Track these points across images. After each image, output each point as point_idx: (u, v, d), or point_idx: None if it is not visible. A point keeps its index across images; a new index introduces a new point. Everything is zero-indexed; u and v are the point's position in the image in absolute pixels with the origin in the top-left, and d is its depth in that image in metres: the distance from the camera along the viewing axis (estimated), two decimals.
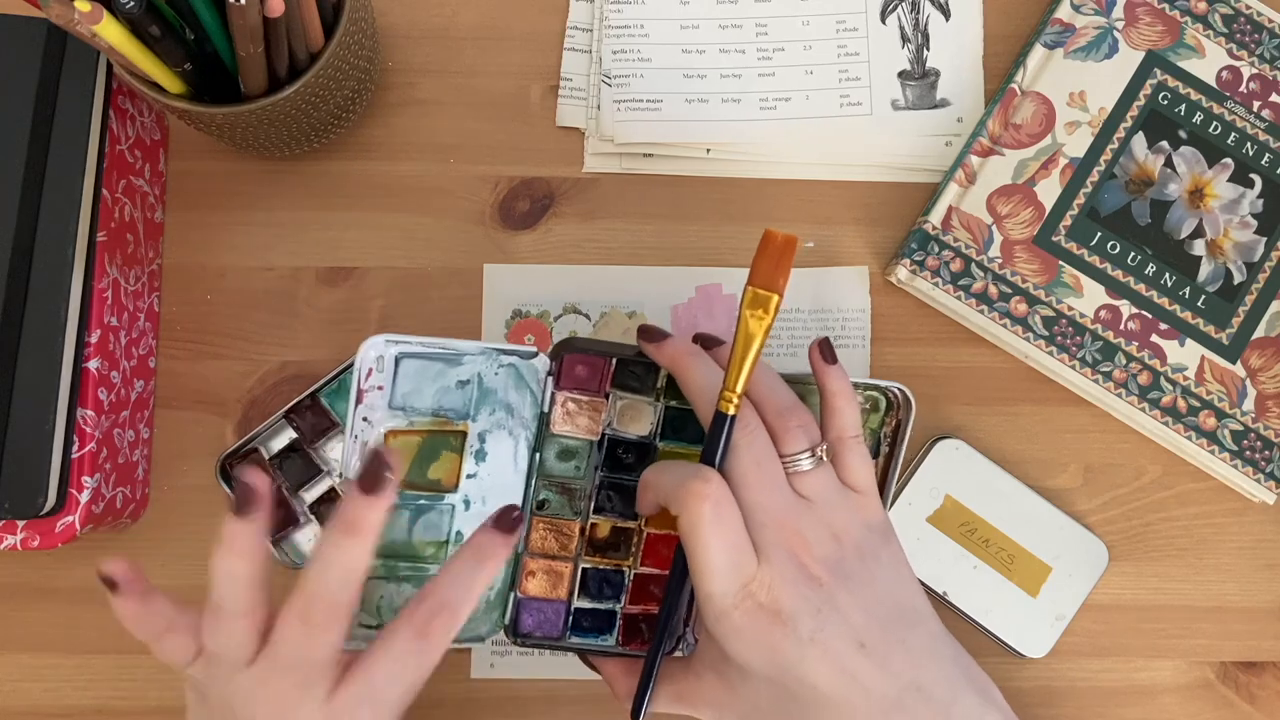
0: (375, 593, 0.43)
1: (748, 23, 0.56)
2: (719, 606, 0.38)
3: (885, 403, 0.46)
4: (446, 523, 0.44)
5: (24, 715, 0.50)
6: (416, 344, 0.41)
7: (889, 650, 0.38)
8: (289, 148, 0.51)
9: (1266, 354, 0.52)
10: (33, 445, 0.43)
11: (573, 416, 0.45)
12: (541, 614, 0.46)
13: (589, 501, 0.45)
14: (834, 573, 0.39)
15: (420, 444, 0.43)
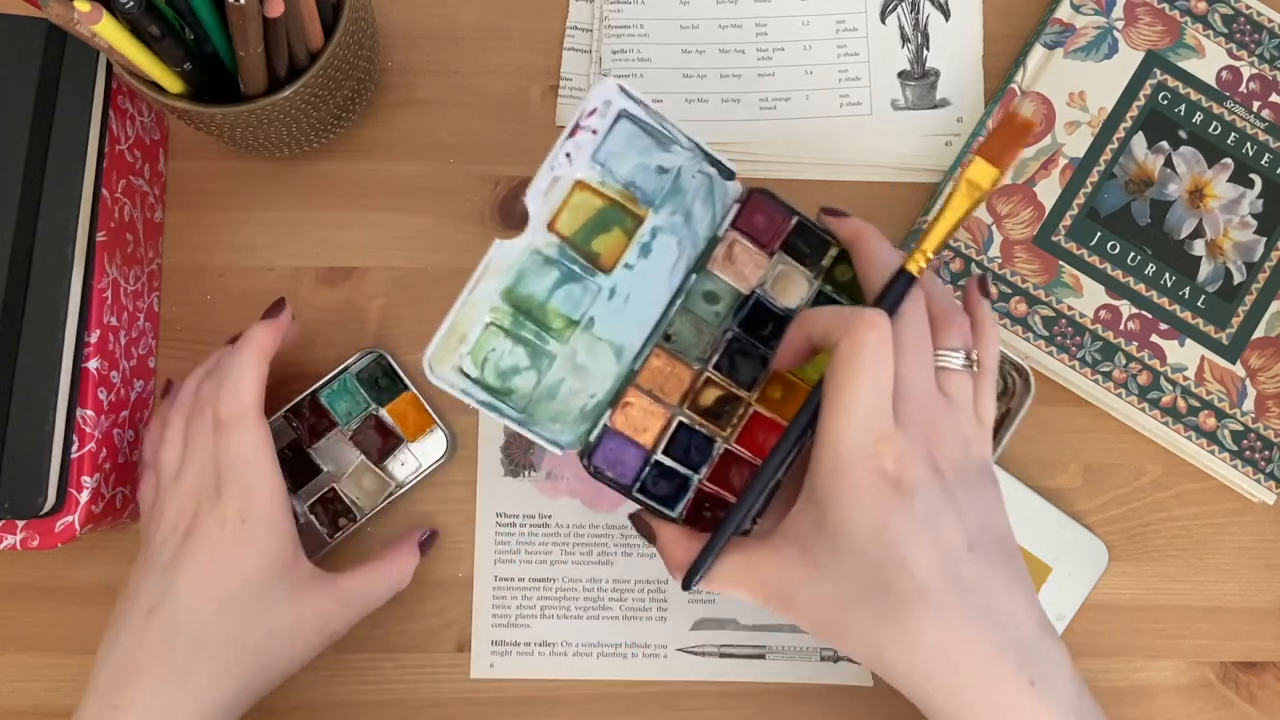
0: (489, 343, 0.42)
1: (747, 22, 0.56)
2: (845, 456, 0.37)
3: (1002, 386, 0.44)
4: (587, 301, 0.43)
5: (24, 715, 0.50)
6: (645, 105, 0.41)
7: (993, 566, 0.37)
8: (289, 148, 0.51)
9: (1266, 354, 0.52)
10: (32, 445, 0.43)
11: (733, 261, 0.44)
12: (620, 453, 0.43)
13: (714, 355, 0.44)
14: (958, 474, 0.38)
15: (600, 209, 0.42)
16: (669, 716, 0.51)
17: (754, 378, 0.44)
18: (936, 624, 0.36)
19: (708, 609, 0.51)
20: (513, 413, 0.42)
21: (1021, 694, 0.36)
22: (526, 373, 0.43)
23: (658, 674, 0.50)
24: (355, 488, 0.50)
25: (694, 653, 0.51)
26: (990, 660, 0.36)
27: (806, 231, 0.44)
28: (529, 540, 0.52)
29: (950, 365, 0.39)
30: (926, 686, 0.37)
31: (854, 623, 0.37)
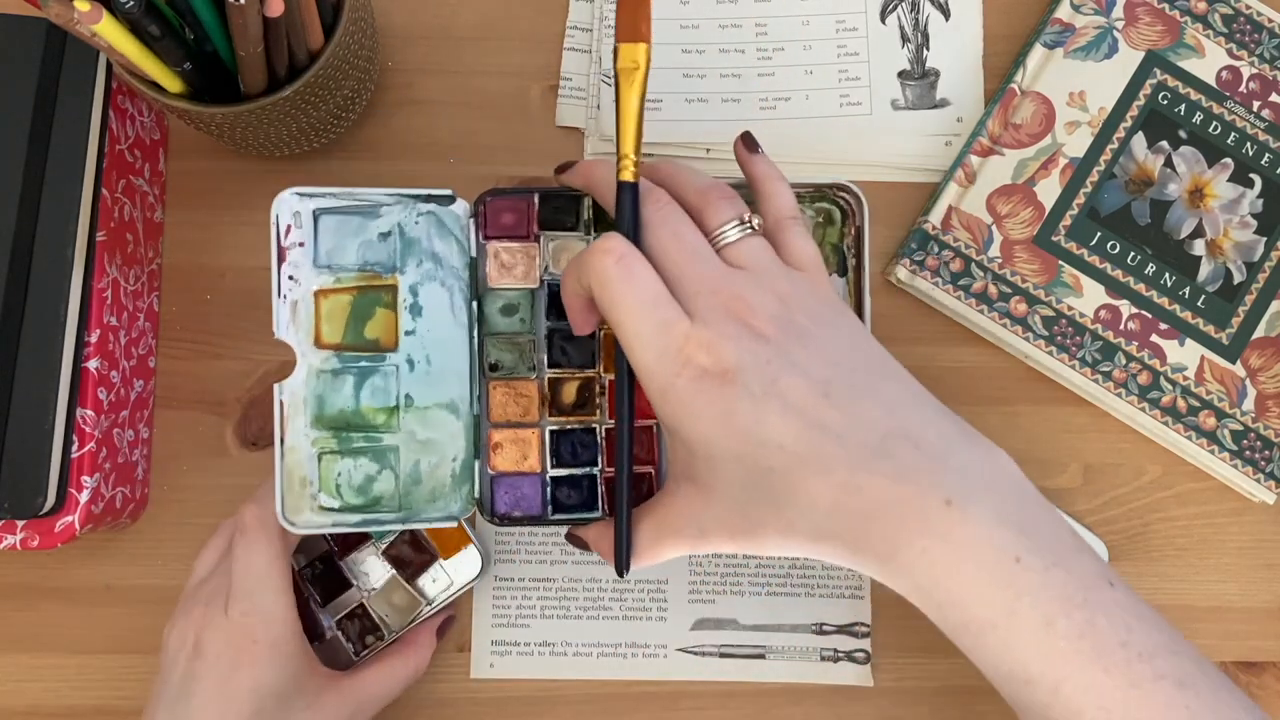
0: (332, 470, 0.42)
1: (747, 22, 0.56)
2: (659, 380, 0.35)
3: (840, 213, 0.43)
4: (393, 386, 0.42)
5: (24, 715, 0.50)
6: (328, 195, 0.41)
7: (860, 398, 0.34)
8: (289, 147, 0.51)
9: (1266, 354, 0.52)
10: (32, 445, 0.43)
11: (508, 268, 0.43)
12: (517, 490, 0.43)
13: (542, 355, 0.43)
14: (784, 330, 0.35)
15: (352, 302, 0.42)
16: (669, 716, 0.51)
17: (591, 353, 0.44)
18: (824, 484, 0.33)
19: (708, 609, 0.51)
20: (391, 517, 0.42)
21: (939, 518, 0.33)
22: (381, 475, 0.42)
23: (658, 674, 0.50)
24: (385, 604, 0.49)
25: (694, 653, 0.51)
26: (893, 496, 0.33)
27: (552, 199, 0.43)
28: (529, 540, 0.52)
29: (726, 240, 0.37)
30: (849, 547, 0.34)
31: (762, 523, 0.35)
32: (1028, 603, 0.33)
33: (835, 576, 0.51)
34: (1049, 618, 0.33)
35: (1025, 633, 0.33)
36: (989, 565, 0.33)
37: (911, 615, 0.51)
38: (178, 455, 0.52)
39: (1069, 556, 0.34)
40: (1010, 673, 0.34)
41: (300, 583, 0.49)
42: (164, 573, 0.51)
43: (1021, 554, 0.33)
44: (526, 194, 0.43)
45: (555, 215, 0.44)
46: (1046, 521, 0.34)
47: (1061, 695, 0.33)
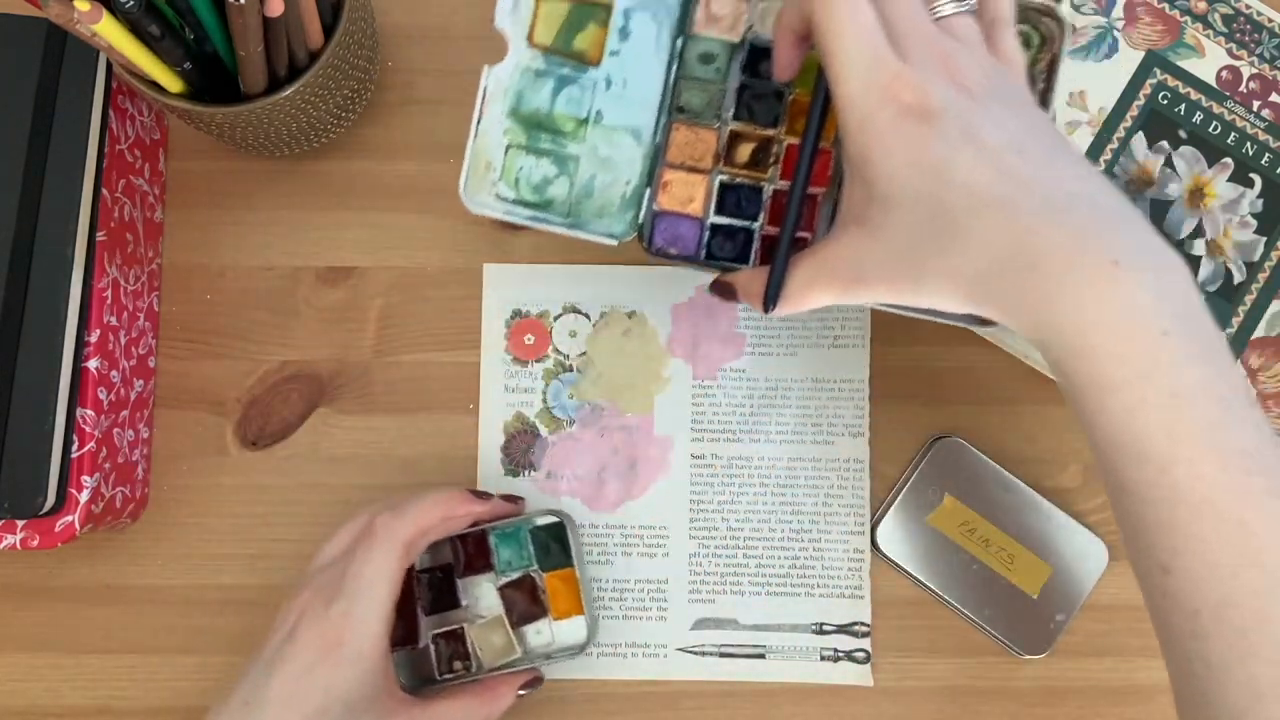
0: (515, 163, 0.44)
1: None
2: (861, 111, 0.35)
3: (1039, 38, 0.44)
4: (588, 98, 0.44)
5: (24, 715, 0.50)
6: None
7: (1052, 161, 0.35)
8: (289, 147, 0.51)
9: (1266, 354, 0.52)
10: (32, 445, 0.44)
11: (716, 18, 0.44)
12: (674, 229, 0.45)
13: (729, 109, 0.45)
14: (987, 90, 0.35)
15: (569, 11, 0.44)
16: (669, 716, 0.51)
17: (775, 115, 0.45)
18: (1004, 225, 0.34)
19: (707, 609, 0.51)
20: (559, 219, 0.44)
21: (1103, 273, 0.32)
22: (558, 180, 0.44)
23: (658, 674, 0.50)
24: (483, 639, 0.48)
25: (694, 653, 0.51)
26: (1068, 244, 0.33)
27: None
28: None
29: (943, 13, 0.37)
30: (1009, 296, 0.34)
31: (925, 266, 0.35)
32: (1163, 374, 0.32)
33: (835, 576, 0.51)
34: (1179, 394, 0.32)
35: (1153, 401, 0.32)
36: (1137, 329, 0.32)
37: (912, 615, 0.51)
38: (178, 455, 0.52)
39: (1219, 359, 0.33)
40: (1124, 442, 0.33)
41: (415, 584, 0.49)
42: (164, 573, 0.51)
43: (1171, 331, 0.32)
44: None
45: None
46: (1207, 324, 0.33)
47: (1170, 475, 0.32)
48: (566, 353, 0.53)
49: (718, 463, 0.52)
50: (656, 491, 0.52)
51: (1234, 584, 0.32)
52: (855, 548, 0.52)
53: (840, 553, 0.52)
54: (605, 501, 0.52)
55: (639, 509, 0.52)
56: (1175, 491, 0.32)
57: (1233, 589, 0.32)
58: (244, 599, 0.51)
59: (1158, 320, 0.32)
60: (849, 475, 0.52)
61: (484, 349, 0.53)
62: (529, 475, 0.52)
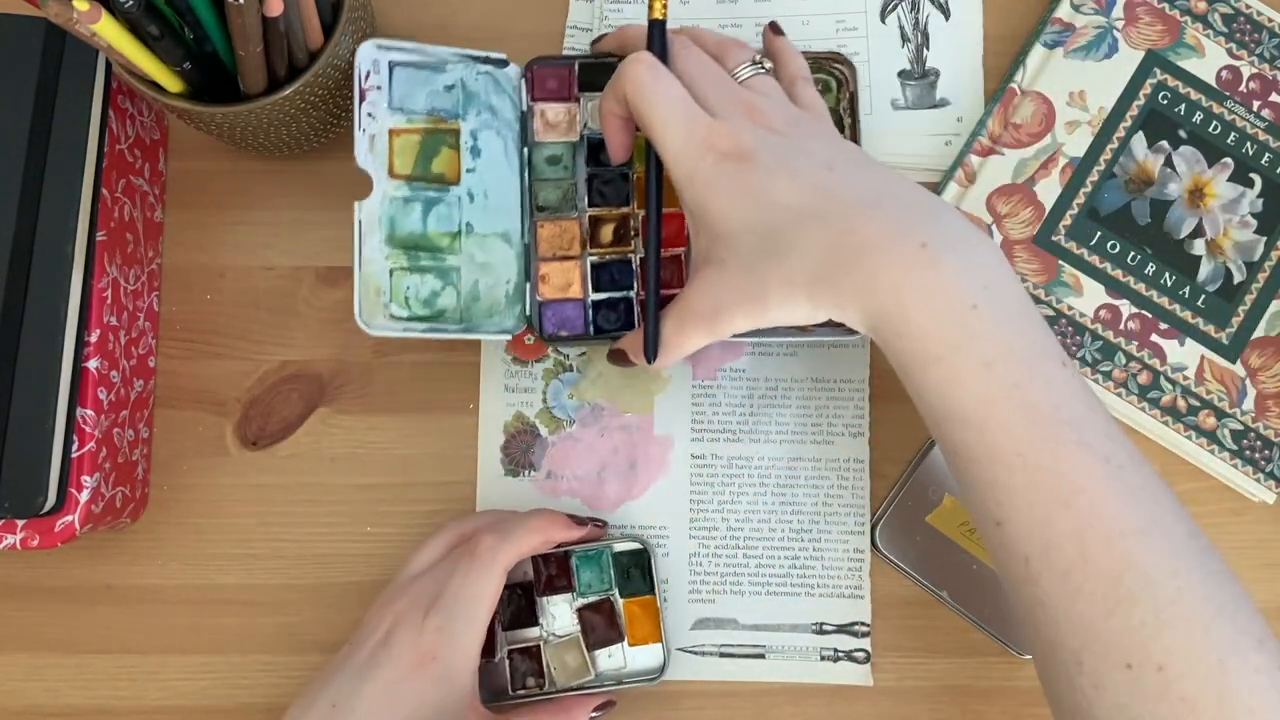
0: (402, 284, 0.47)
1: (747, 22, 0.56)
2: (686, 165, 0.40)
3: (835, 82, 0.49)
4: (456, 214, 0.48)
5: (24, 715, 0.50)
6: (401, 49, 0.47)
7: (860, 171, 0.39)
8: (289, 147, 0.51)
9: (1266, 353, 0.52)
10: (32, 444, 0.44)
11: (552, 125, 0.50)
12: (562, 313, 0.49)
13: (583, 199, 0.49)
14: (792, 128, 0.40)
15: (421, 140, 0.48)
16: (669, 716, 0.51)
17: (625, 194, 0.50)
18: (822, 229, 0.37)
19: (707, 609, 0.51)
20: (454, 326, 0.47)
21: (913, 256, 0.36)
22: (445, 291, 0.48)
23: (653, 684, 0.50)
24: (558, 659, 0.49)
25: (694, 653, 0.51)
26: (881, 234, 0.37)
27: (589, 67, 0.50)
28: None
29: (742, 76, 0.43)
30: (837, 287, 0.37)
31: (766, 280, 0.39)
32: (971, 344, 0.35)
33: (835, 576, 0.51)
34: (989, 362, 0.35)
35: (965, 370, 0.35)
36: (947, 304, 0.36)
37: (912, 615, 0.51)
38: (178, 455, 0.52)
39: (1026, 325, 0.36)
40: (947, 411, 0.36)
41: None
42: (164, 573, 0.51)
43: (979, 304, 0.35)
44: (568, 62, 0.50)
45: (593, 78, 0.50)
46: (1014, 294, 0.37)
47: (987, 436, 0.35)
48: (566, 352, 0.53)
49: (718, 463, 0.52)
50: (656, 491, 0.52)
51: (1052, 530, 0.34)
52: (855, 547, 0.52)
53: (840, 552, 0.52)
54: (605, 501, 0.52)
55: (639, 509, 0.52)
56: (993, 450, 0.35)
57: (1052, 534, 0.34)
58: (244, 599, 0.51)
59: (966, 294, 0.36)
60: (849, 475, 0.52)
61: (484, 349, 0.53)
62: (529, 475, 0.52)
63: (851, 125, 0.49)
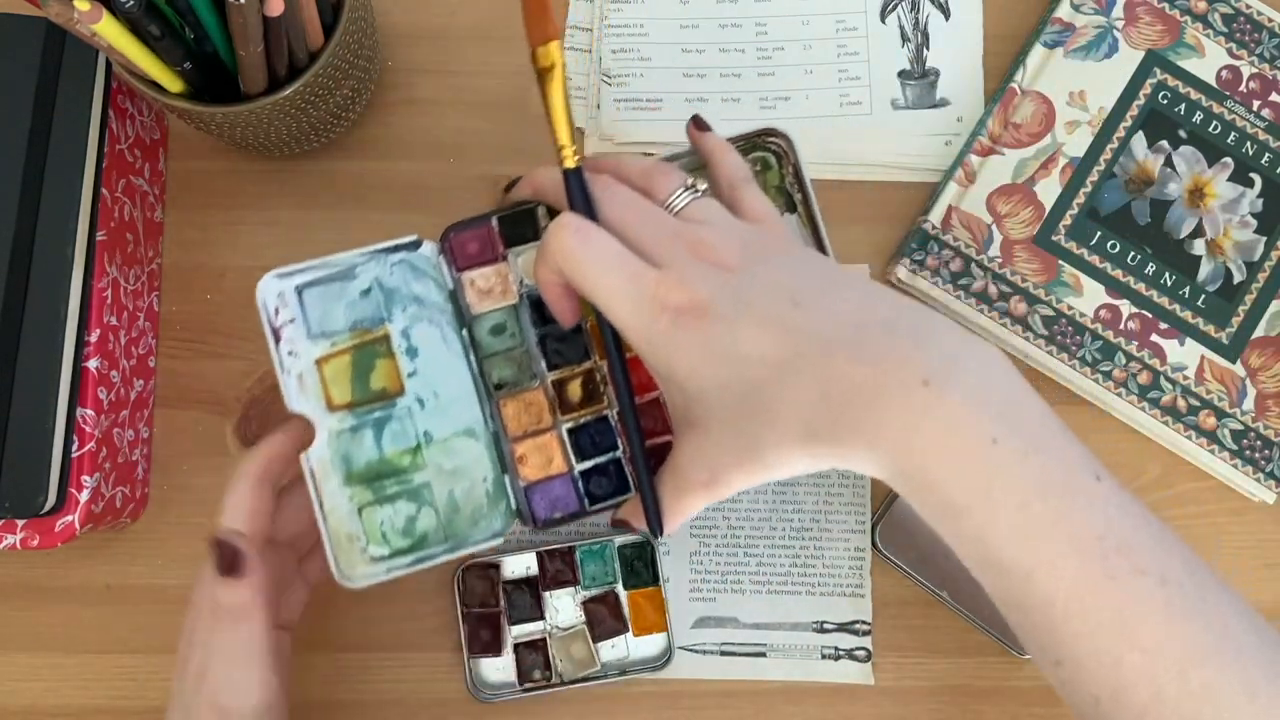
0: (374, 520, 0.43)
1: (747, 22, 0.56)
2: (641, 330, 0.36)
3: (775, 157, 0.46)
4: (410, 427, 0.44)
5: (24, 715, 0.50)
6: (305, 269, 0.43)
7: (828, 298, 0.35)
8: (289, 147, 0.51)
9: (1266, 353, 0.52)
10: (33, 444, 0.43)
11: (485, 292, 0.45)
12: (551, 494, 0.45)
13: (540, 364, 0.45)
14: (746, 258, 0.36)
15: (352, 361, 0.43)
16: (669, 715, 0.51)
17: (584, 347, 0.45)
18: (805, 382, 0.33)
19: (708, 607, 0.51)
20: (440, 548, 0.43)
21: (917, 398, 0.32)
22: (422, 513, 0.43)
23: (657, 673, 0.50)
24: (563, 651, 0.50)
25: (694, 651, 0.51)
26: (871, 379, 0.33)
27: (508, 218, 0.46)
28: (530, 538, 0.52)
29: (678, 206, 0.38)
30: (838, 441, 0.33)
31: (760, 441, 0.35)
32: (1001, 485, 0.32)
33: (836, 575, 0.52)
34: (1024, 502, 0.32)
35: (1000, 517, 0.32)
36: (965, 447, 0.32)
37: (912, 614, 0.51)
38: (178, 455, 0.52)
39: (1052, 443, 0.33)
40: (986, 559, 0.33)
41: (501, 594, 0.50)
42: (164, 573, 0.51)
43: (999, 436, 0.32)
44: (485, 220, 0.45)
45: (516, 230, 0.45)
46: (1030, 407, 0.33)
47: (1034, 583, 0.32)
48: None
49: None
50: None
51: (1121, 671, 0.32)
52: (856, 546, 0.52)
53: (841, 551, 0.52)
54: None
55: None
56: (1044, 596, 0.32)
57: (1122, 675, 0.32)
58: None
59: (982, 429, 0.32)
60: (850, 474, 0.52)
61: None
62: None
63: (803, 200, 0.45)
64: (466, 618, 0.50)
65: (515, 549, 0.51)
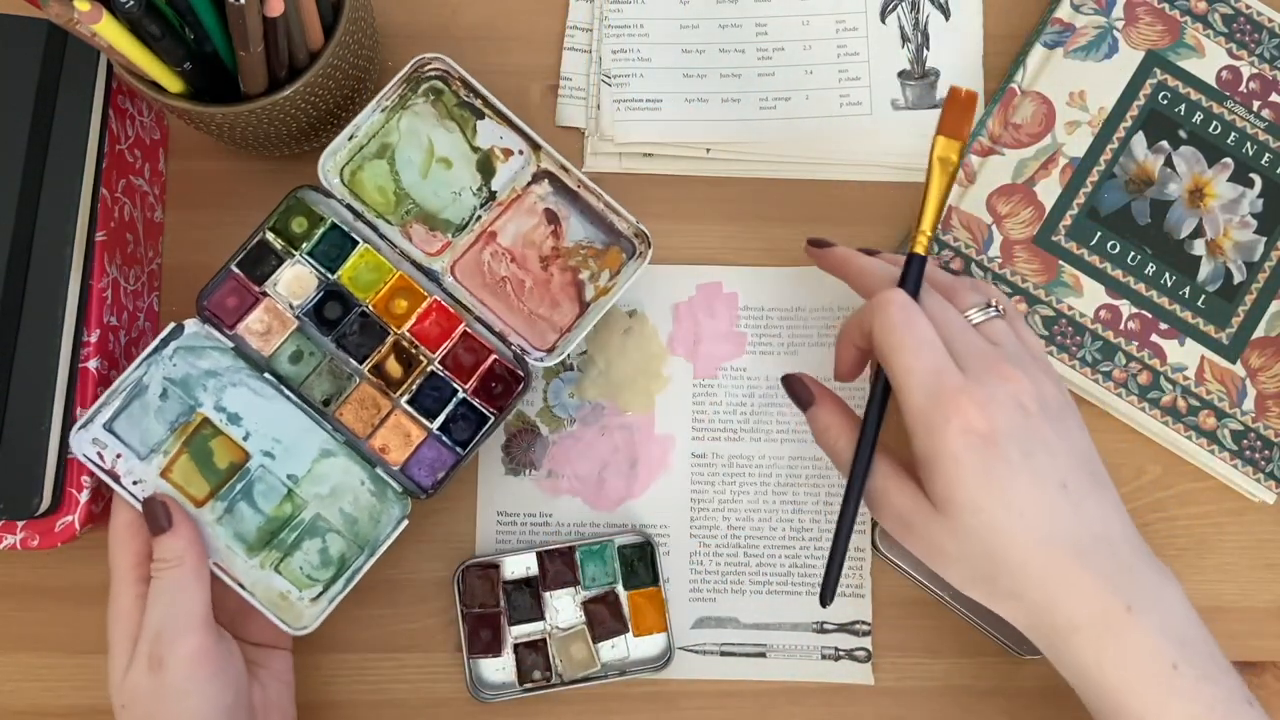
0: (293, 569, 0.46)
1: (747, 22, 0.56)
2: (927, 421, 0.38)
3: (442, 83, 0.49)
4: (273, 479, 0.46)
5: (24, 715, 0.50)
6: (99, 408, 0.45)
7: (1086, 498, 0.38)
8: (289, 147, 0.51)
9: (1266, 353, 0.52)
10: (28, 445, 0.43)
11: (264, 334, 0.48)
12: (425, 461, 0.48)
13: (349, 363, 0.48)
14: (1041, 410, 0.39)
15: (190, 457, 0.46)
16: (669, 716, 0.51)
17: (377, 326, 0.48)
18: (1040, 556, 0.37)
19: (709, 607, 0.51)
20: (362, 560, 0.46)
21: (1118, 619, 0.37)
22: (329, 539, 0.46)
23: (658, 673, 0.50)
24: (563, 651, 0.50)
25: (694, 651, 0.51)
26: (1088, 589, 0.37)
27: (245, 260, 0.48)
28: (530, 539, 0.52)
29: (976, 319, 0.41)
30: (1037, 616, 0.39)
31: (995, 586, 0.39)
32: (1177, 704, 0.37)
33: None
34: (1194, 717, 0.37)
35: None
36: (1150, 667, 0.37)
37: (912, 615, 0.51)
38: None
39: (1218, 674, 0.38)
40: None
41: (500, 594, 0.50)
42: None
43: (1179, 663, 0.37)
44: (226, 274, 0.48)
45: (258, 269, 0.48)
46: (1202, 641, 0.39)
47: None
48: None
49: (718, 461, 0.52)
50: (657, 490, 0.52)
51: None
52: (856, 546, 0.52)
53: None
54: (606, 500, 0.52)
55: (640, 508, 0.52)
56: None
57: None
58: None
59: (1167, 656, 0.37)
60: None
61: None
62: (530, 474, 0.52)
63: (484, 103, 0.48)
64: (466, 618, 0.50)
65: (515, 549, 0.51)
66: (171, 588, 0.42)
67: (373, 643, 0.51)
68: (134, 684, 0.41)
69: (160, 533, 0.43)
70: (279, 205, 0.48)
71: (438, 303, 0.49)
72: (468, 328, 0.49)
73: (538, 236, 0.50)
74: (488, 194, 0.50)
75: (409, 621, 0.51)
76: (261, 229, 0.48)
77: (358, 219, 0.49)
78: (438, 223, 0.49)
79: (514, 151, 0.49)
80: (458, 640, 0.50)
